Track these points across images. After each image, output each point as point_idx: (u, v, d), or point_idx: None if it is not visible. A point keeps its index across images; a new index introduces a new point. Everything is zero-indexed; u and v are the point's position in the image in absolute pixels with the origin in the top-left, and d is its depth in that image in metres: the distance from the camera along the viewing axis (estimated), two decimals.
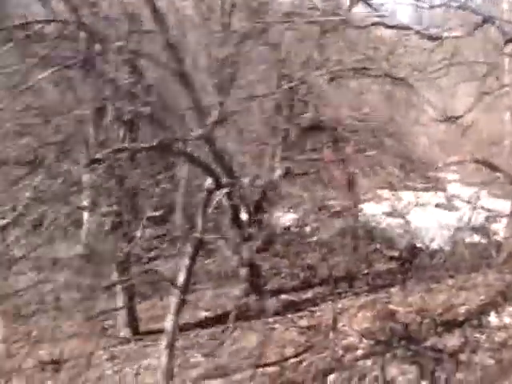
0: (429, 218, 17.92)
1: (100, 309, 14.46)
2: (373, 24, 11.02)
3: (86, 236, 17.59)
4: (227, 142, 9.88)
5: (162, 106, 8.10)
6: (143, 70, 8.17)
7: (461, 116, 10.81)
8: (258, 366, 11.77)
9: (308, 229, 17.00)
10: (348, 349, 11.43)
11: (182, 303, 10.86)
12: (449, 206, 19.47)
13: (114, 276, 13.64)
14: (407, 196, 17.80)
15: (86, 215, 17.75)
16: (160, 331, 13.72)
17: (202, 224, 10.15)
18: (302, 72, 10.68)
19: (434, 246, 16.91)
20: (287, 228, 17.44)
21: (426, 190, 18.64)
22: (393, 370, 10.59)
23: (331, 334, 11.76)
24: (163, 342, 10.97)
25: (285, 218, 17.58)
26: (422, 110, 11.73)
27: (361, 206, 17.19)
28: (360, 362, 10.79)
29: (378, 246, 17.00)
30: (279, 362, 11.80)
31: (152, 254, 15.44)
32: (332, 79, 12.84)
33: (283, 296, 15.61)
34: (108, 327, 14.38)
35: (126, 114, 8.49)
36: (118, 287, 13.65)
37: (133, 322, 13.90)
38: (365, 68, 10.99)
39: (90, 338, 13.85)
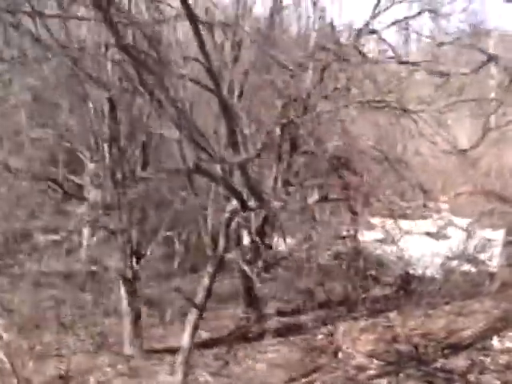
0: (420, 246, 18.44)
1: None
2: (389, 58, 11.54)
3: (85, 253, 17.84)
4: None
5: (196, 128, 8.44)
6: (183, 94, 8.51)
7: (470, 149, 11.33)
8: None
9: (305, 253, 17.33)
10: (359, 369, 11.78)
11: (199, 321, 11.11)
12: (440, 235, 20.06)
13: (122, 293, 13.86)
14: (400, 224, 18.26)
15: (85, 232, 17.99)
16: (164, 350, 14.06)
17: (223, 244, 10.47)
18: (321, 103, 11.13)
19: (428, 273, 17.42)
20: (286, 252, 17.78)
21: (422, 218, 19.20)
22: None
23: (340, 354, 12.07)
24: (179, 358, 11.19)
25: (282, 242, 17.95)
26: (431, 141, 12.26)
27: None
28: (375, 381, 11.13)
29: (373, 272, 17.43)
30: (291, 381, 12.09)
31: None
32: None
33: (282, 319, 16.00)
34: (111, 344, 14.56)
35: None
36: (125, 305, 13.86)
37: (138, 340, 14.08)
38: (380, 101, 11.47)
39: (94, 355, 14.04)
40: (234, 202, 9.87)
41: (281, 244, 17.76)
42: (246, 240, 16.05)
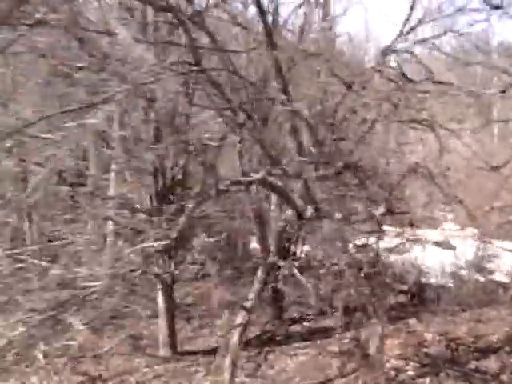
0: (430, 256, 19.16)
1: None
2: (426, 79, 12.15)
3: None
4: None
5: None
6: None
7: (503, 165, 12.02)
8: None
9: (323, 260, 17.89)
10: (397, 370, 12.41)
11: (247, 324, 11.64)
12: (448, 245, 20.80)
13: (160, 297, 14.32)
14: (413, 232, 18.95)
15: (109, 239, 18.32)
16: (195, 352, 14.54)
17: (276, 251, 11.04)
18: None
19: (440, 282, 18.14)
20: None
21: (431, 227, 19.92)
22: None
23: (371, 358, 12.65)
24: (227, 359, 11.69)
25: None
26: (465, 158, 12.90)
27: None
28: (417, 381, 11.77)
29: (388, 280, 18.06)
30: (329, 381, 12.68)
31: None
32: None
33: (306, 323, 16.60)
34: (144, 347, 15.00)
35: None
36: (162, 308, 14.32)
37: (172, 342, 14.55)
38: (424, 119, 11.97)
39: (129, 357, 14.47)
40: (289, 212, 10.45)
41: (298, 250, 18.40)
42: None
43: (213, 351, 13.95)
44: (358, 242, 17.02)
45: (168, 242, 8.85)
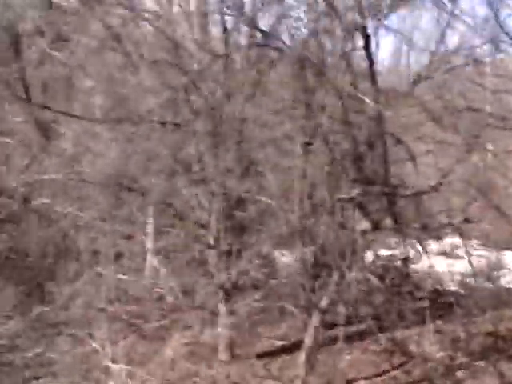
0: (438, 264, 20.81)
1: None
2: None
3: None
4: None
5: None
6: None
7: None
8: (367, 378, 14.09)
9: None
10: (451, 359, 14.03)
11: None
12: (454, 255, 22.45)
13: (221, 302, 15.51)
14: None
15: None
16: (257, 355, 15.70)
17: (350, 258, 12.52)
18: None
19: (452, 288, 19.80)
20: None
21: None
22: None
23: (429, 346, 14.18)
24: (301, 357, 13.07)
25: None
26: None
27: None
28: (477, 363, 13.38)
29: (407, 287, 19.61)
30: (385, 373, 14.16)
31: None
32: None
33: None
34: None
35: None
36: (224, 313, 15.51)
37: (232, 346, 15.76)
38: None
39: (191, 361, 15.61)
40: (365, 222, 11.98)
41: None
42: None
43: (270, 354, 15.25)
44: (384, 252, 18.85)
45: None
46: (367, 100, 10.66)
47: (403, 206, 12.82)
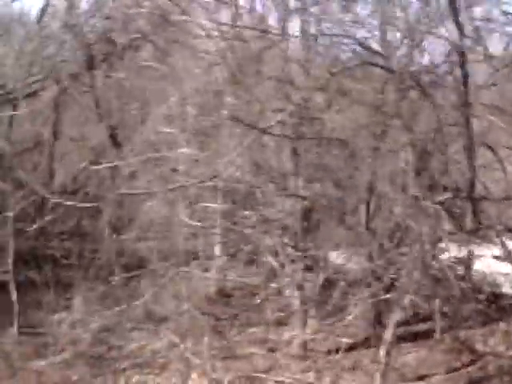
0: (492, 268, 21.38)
1: None
2: None
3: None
4: None
5: None
6: None
7: None
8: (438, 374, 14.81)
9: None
10: None
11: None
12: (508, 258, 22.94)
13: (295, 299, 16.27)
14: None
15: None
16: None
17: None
18: None
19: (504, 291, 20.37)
20: None
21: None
22: None
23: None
24: (381, 351, 13.81)
25: None
26: None
27: None
28: None
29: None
30: (455, 370, 14.85)
31: None
32: None
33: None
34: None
35: None
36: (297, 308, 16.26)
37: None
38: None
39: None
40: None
41: None
42: None
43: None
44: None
45: None
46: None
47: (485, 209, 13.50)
